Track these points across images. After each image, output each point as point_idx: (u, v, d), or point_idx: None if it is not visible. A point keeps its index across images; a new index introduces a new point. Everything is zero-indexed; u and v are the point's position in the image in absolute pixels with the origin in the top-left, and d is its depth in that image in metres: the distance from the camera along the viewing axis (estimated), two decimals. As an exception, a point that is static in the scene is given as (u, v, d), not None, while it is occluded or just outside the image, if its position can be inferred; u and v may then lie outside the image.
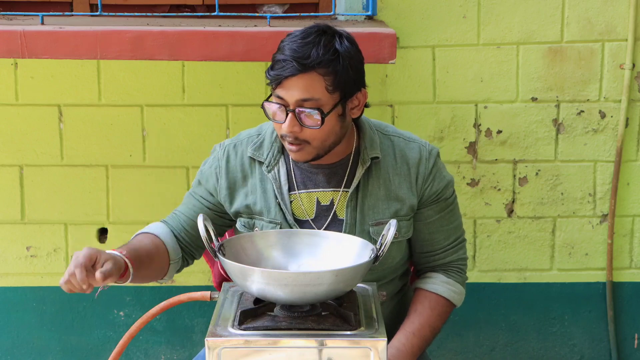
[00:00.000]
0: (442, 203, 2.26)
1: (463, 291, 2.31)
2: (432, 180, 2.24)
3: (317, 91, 2.04)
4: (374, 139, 2.23)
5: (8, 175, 3.29)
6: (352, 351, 1.73)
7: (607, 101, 3.26)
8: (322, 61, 2.02)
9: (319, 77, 2.03)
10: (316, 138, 2.08)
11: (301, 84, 2.03)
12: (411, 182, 2.22)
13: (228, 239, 1.94)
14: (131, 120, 3.26)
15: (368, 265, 1.83)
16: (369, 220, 2.20)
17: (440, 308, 2.26)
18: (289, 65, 2.02)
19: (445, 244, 2.30)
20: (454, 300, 2.29)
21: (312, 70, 2.02)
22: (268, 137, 2.26)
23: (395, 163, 2.23)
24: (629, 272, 3.39)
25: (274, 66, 2.07)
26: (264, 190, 2.22)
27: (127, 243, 2.16)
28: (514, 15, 3.19)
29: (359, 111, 2.16)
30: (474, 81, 3.24)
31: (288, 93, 2.05)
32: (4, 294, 3.37)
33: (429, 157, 2.24)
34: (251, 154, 2.25)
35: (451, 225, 2.30)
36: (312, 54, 2.02)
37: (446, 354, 3.44)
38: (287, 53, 2.04)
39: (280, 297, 1.77)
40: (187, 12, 3.27)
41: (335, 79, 2.04)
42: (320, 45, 2.04)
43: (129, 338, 2.15)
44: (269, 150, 2.23)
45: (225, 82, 3.23)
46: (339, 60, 2.05)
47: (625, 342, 3.45)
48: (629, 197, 3.33)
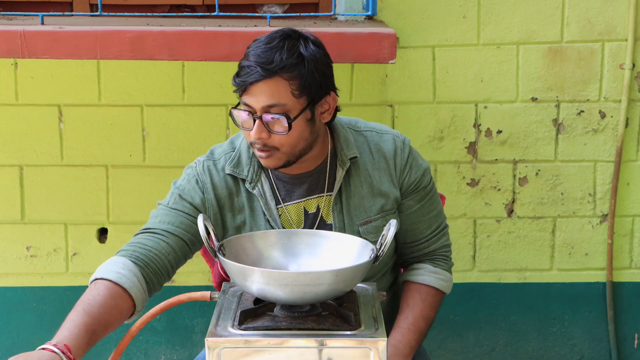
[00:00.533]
0: (422, 192, 2.26)
1: (451, 278, 2.33)
2: (409, 170, 2.23)
3: (282, 96, 2.02)
4: (349, 139, 2.21)
5: (8, 175, 3.29)
6: (352, 351, 1.73)
7: (607, 101, 3.26)
8: (285, 65, 2.00)
9: (284, 81, 2.01)
10: (285, 144, 2.06)
11: (266, 90, 2.01)
12: (391, 175, 2.22)
13: (228, 239, 1.94)
14: (131, 120, 3.26)
15: (368, 265, 1.83)
16: (356, 221, 2.20)
17: (431, 298, 2.27)
18: (254, 71, 2.01)
19: (428, 233, 2.29)
20: (443, 288, 2.30)
21: (276, 75, 2.01)
22: (245, 152, 2.21)
23: (373, 158, 2.22)
24: (629, 272, 3.39)
25: (239, 73, 2.06)
26: (252, 208, 2.19)
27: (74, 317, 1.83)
28: (514, 15, 3.19)
29: (329, 115, 2.14)
30: (474, 81, 3.24)
31: (254, 99, 2.03)
32: (4, 294, 3.37)
33: (403, 147, 2.24)
34: (230, 172, 2.18)
35: (432, 213, 2.30)
36: (275, 58, 2.00)
37: (446, 354, 3.44)
38: (252, 59, 2.03)
39: (280, 297, 1.77)
40: (187, 12, 3.27)
41: (300, 83, 2.02)
42: (284, 50, 2.02)
43: (129, 338, 2.16)
44: (248, 167, 2.19)
45: (225, 82, 3.23)
46: (304, 64, 2.03)
47: (625, 342, 3.45)
48: (629, 197, 3.33)
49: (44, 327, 3.39)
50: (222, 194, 2.19)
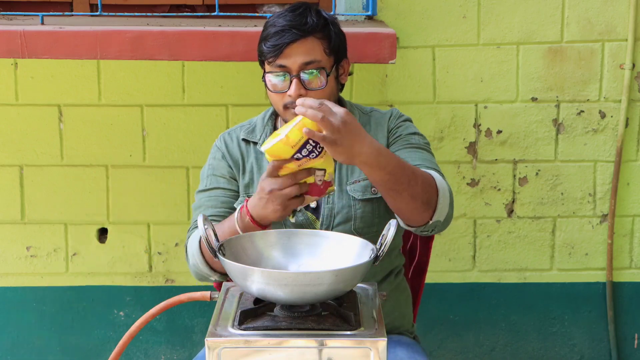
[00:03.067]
0: (405, 141, 2.31)
1: (443, 182, 2.15)
2: (397, 128, 2.35)
3: (317, 54, 2.18)
4: (354, 113, 2.36)
5: (8, 175, 3.29)
6: (352, 351, 1.73)
7: (607, 101, 3.26)
8: (318, 25, 2.18)
9: (317, 40, 2.19)
10: (320, 99, 2.10)
11: (302, 49, 2.17)
12: (384, 136, 2.33)
13: (228, 239, 1.94)
14: (131, 120, 3.26)
15: (368, 265, 1.83)
16: (346, 180, 2.30)
17: (423, 172, 2.12)
18: (288, 33, 2.16)
19: (415, 165, 2.17)
20: (435, 177, 2.13)
21: (310, 35, 2.17)
22: (259, 122, 2.40)
23: (371, 130, 2.34)
24: (629, 272, 3.39)
25: (269, 38, 2.18)
26: (260, 167, 2.32)
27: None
28: (514, 15, 3.19)
29: (346, 77, 2.31)
30: (474, 81, 3.24)
31: (290, 60, 2.17)
32: (4, 294, 3.37)
33: (399, 116, 2.38)
34: (244, 136, 2.37)
35: (419, 155, 2.25)
36: (308, 20, 2.18)
37: (446, 354, 3.44)
38: (283, 24, 2.17)
39: (280, 297, 1.77)
40: (187, 12, 3.27)
41: (330, 43, 2.21)
42: (312, 14, 2.20)
43: (129, 338, 2.16)
44: (261, 132, 2.36)
45: (225, 82, 3.23)
46: (330, 26, 2.23)
47: (625, 342, 3.45)
48: (629, 197, 3.33)
49: (44, 327, 3.39)
50: (235, 155, 2.35)
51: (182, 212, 3.31)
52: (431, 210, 2.11)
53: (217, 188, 2.32)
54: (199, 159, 3.25)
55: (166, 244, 3.34)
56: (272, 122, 2.38)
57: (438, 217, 2.14)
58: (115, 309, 3.38)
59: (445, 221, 2.19)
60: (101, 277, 3.36)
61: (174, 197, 3.30)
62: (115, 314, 3.39)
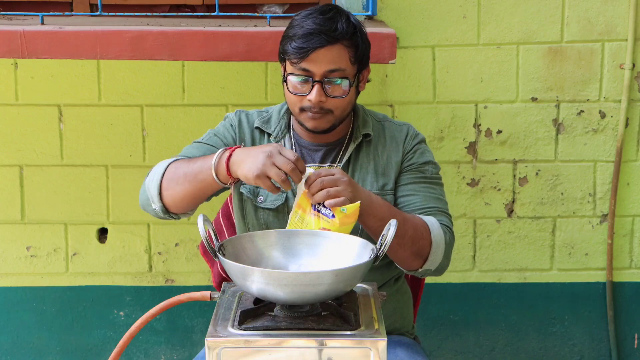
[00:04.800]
0: (419, 172, 2.30)
1: (441, 235, 2.17)
2: (412, 153, 2.32)
3: (343, 62, 2.15)
4: (367, 120, 2.35)
5: (8, 175, 3.29)
6: (352, 351, 1.73)
7: (607, 101, 3.26)
8: (347, 33, 2.14)
9: (345, 49, 2.15)
10: (339, 107, 2.18)
11: (329, 55, 2.13)
12: (398, 157, 2.31)
13: (228, 239, 1.94)
14: (131, 120, 3.26)
15: (368, 265, 1.83)
16: None
17: (416, 219, 2.16)
18: (317, 38, 2.12)
19: (422, 205, 2.24)
20: (432, 227, 2.16)
21: (338, 42, 2.14)
22: (275, 114, 2.37)
23: (385, 143, 2.33)
24: (629, 272, 3.39)
25: (296, 40, 2.13)
26: None
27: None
28: (514, 15, 3.19)
29: (364, 85, 2.29)
30: (474, 81, 3.24)
31: (315, 65, 2.14)
32: (4, 294, 3.37)
33: (415, 136, 2.36)
34: (259, 125, 2.35)
35: (429, 193, 2.28)
36: (338, 26, 2.13)
37: (446, 354, 3.44)
38: (312, 26, 2.12)
39: (280, 297, 1.77)
40: (187, 12, 3.27)
41: (356, 52, 2.17)
42: (343, 20, 2.16)
43: (129, 338, 2.16)
44: (276, 125, 2.34)
45: (225, 82, 3.23)
46: (358, 34, 2.18)
47: (625, 342, 3.45)
48: (629, 197, 3.33)
49: (44, 327, 3.39)
50: (246, 138, 2.34)
51: (182, 212, 3.31)
52: (421, 260, 2.17)
53: (212, 146, 2.31)
54: (199, 159, 3.25)
55: (166, 244, 3.34)
56: (287, 117, 2.35)
57: (429, 266, 2.19)
58: (115, 309, 3.38)
59: (437, 270, 2.22)
60: (101, 277, 3.36)
61: (174, 197, 3.30)
62: (115, 314, 3.39)
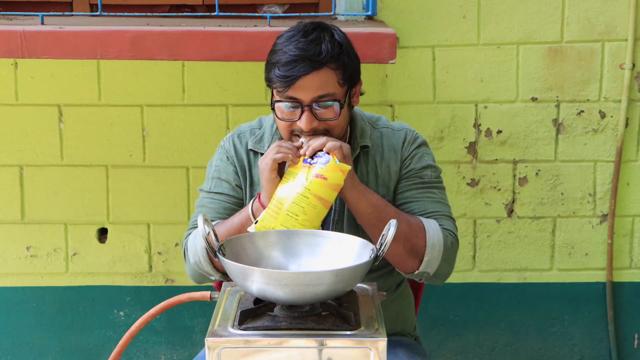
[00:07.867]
0: (417, 178, 2.25)
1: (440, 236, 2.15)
2: (410, 159, 2.27)
3: (331, 86, 2.07)
4: (365, 130, 2.27)
5: (8, 175, 3.29)
6: (352, 351, 1.73)
7: (607, 101, 3.26)
8: (332, 56, 2.05)
9: (331, 72, 2.07)
10: (334, 127, 2.12)
11: (316, 81, 2.05)
12: (397, 165, 2.26)
13: (228, 239, 1.94)
14: (131, 120, 3.26)
15: (368, 265, 1.83)
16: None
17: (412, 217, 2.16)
18: (301, 65, 2.03)
19: (421, 211, 2.21)
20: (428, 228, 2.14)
21: (324, 66, 2.05)
22: (268, 130, 2.30)
23: (383, 152, 2.27)
24: (629, 272, 3.39)
25: (280, 68, 2.05)
26: None
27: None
28: (514, 15, 3.19)
29: (358, 98, 2.22)
30: (474, 81, 3.24)
31: (303, 92, 2.06)
32: (4, 294, 3.37)
33: (413, 140, 2.29)
34: (252, 147, 2.28)
35: (429, 198, 2.24)
36: (322, 50, 2.05)
37: (446, 354, 3.44)
38: (295, 52, 2.04)
39: (280, 297, 1.76)
40: (187, 12, 3.27)
41: (344, 73, 2.09)
42: (326, 41, 2.06)
43: (129, 338, 2.15)
44: (269, 143, 2.26)
45: (225, 82, 3.23)
46: (345, 53, 2.09)
47: (625, 342, 3.45)
48: (629, 197, 3.33)
49: (44, 327, 3.39)
50: (244, 164, 2.29)
51: (182, 212, 3.31)
52: (417, 260, 2.14)
53: (221, 194, 2.29)
54: (199, 159, 3.25)
55: (166, 244, 3.34)
56: (279, 133, 2.26)
57: (426, 268, 2.15)
58: (115, 309, 3.38)
59: (438, 276, 2.19)
60: (101, 277, 3.36)
61: (174, 197, 3.30)
62: (115, 314, 3.39)
